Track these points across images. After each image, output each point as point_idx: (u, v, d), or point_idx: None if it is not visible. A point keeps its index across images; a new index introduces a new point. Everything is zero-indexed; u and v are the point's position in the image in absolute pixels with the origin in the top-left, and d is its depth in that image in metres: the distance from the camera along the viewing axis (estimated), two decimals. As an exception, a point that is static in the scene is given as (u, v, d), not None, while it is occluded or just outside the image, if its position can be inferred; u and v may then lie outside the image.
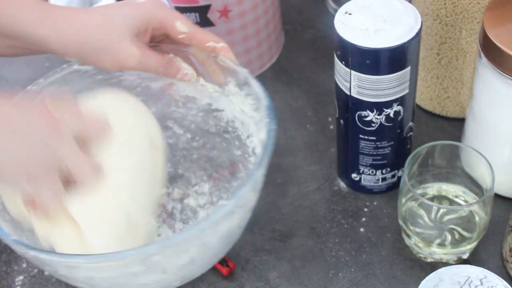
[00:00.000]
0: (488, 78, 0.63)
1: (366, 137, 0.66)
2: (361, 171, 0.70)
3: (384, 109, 0.64)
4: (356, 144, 0.67)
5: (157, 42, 0.66)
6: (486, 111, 0.65)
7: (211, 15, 0.78)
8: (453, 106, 0.77)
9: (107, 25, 0.60)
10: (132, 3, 0.62)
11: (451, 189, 0.67)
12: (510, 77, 0.60)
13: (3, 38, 0.61)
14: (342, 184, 0.73)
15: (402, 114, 0.65)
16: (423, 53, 0.74)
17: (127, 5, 0.61)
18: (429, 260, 0.65)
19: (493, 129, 0.66)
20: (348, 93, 0.64)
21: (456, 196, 0.67)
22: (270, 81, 0.86)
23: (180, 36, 0.63)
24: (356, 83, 0.62)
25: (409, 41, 0.60)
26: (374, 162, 0.68)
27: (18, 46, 0.62)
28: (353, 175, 0.71)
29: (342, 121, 0.67)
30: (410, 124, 0.68)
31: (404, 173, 0.62)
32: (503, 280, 0.54)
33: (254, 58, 0.84)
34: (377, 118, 0.64)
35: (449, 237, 0.63)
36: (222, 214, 0.53)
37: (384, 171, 0.69)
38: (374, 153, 0.68)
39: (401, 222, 0.64)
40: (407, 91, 0.64)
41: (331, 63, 0.65)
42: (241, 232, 0.61)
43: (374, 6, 0.62)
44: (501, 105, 0.63)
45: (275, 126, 0.59)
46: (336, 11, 0.63)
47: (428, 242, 0.63)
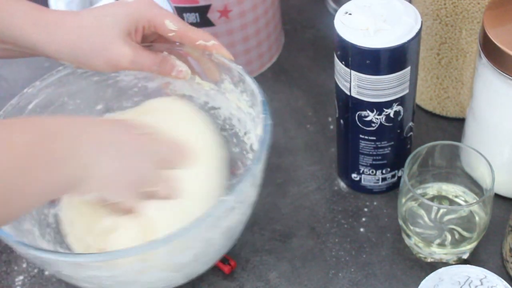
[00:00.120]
0: (488, 78, 0.63)
1: (366, 137, 0.66)
2: (361, 171, 0.70)
3: (384, 109, 0.64)
4: (356, 144, 0.67)
5: (151, 42, 0.66)
6: (486, 111, 0.65)
7: (211, 15, 0.78)
8: (453, 106, 0.77)
9: (98, 27, 0.60)
10: (121, 3, 0.62)
11: (451, 189, 0.67)
12: (510, 77, 0.60)
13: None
14: (342, 184, 0.73)
15: (402, 114, 0.65)
16: (423, 53, 0.74)
17: (116, 6, 0.62)
18: (429, 260, 0.65)
19: (493, 129, 0.66)
20: (348, 93, 0.64)
21: (456, 196, 0.67)
22: (270, 81, 0.86)
23: (170, 34, 0.63)
24: (356, 83, 0.62)
25: (409, 41, 0.60)
26: (374, 162, 0.68)
27: (14, 50, 0.63)
28: (353, 175, 0.71)
29: (342, 121, 0.67)
30: (410, 124, 0.68)
31: (404, 173, 0.62)
32: (503, 280, 0.54)
33: (254, 58, 0.84)
34: (377, 118, 0.64)
35: (449, 237, 0.63)
36: (223, 210, 0.54)
37: (384, 171, 0.69)
38: (374, 153, 0.68)
39: (401, 222, 0.64)
40: (407, 91, 0.64)
41: (331, 63, 0.65)
42: (242, 228, 0.61)
43: (374, 6, 0.62)
44: (501, 105, 0.63)
45: (271, 121, 0.59)
46: (336, 11, 0.63)
47: (428, 242, 0.63)
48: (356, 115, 0.65)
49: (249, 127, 0.66)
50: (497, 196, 0.67)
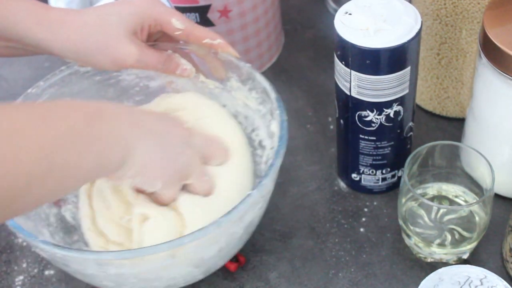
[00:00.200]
0: (488, 78, 0.63)
1: (366, 137, 0.66)
2: (361, 171, 0.70)
3: (384, 109, 0.64)
4: (356, 144, 0.67)
5: (155, 40, 0.66)
6: (486, 111, 0.65)
7: (211, 15, 0.78)
8: (453, 106, 0.77)
9: (103, 25, 0.60)
10: (127, 2, 0.62)
11: (451, 189, 0.67)
12: (510, 77, 0.60)
13: (3, 40, 0.61)
14: (342, 184, 0.73)
15: (402, 114, 0.65)
16: (423, 53, 0.74)
17: (122, 4, 0.62)
18: (429, 260, 0.65)
19: (493, 129, 0.66)
20: (348, 93, 0.64)
21: (456, 196, 0.67)
22: (270, 81, 0.85)
23: (176, 33, 0.63)
24: (356, 83, 0.62)
25: (409, 41, 0.60)
26: (374, 162, 0.68)
27: (17, 48, 0.63)
28: (353, 175, 0.71)
29: (342, 121, 0.67)
30: (410, 124, 0.68)
31: (404, 173, 0.62)
32: (503, 280, 0.54)
33: (254, 58, 0.84)
34: (377, 118, 0.64)
35: (449, 237, 0.63)
36: (249, 204, 0.55)
37: (384, 171, 0.69)
38: (374, 153, 0.68)
39: (401, 222, 0.64)
40: (407, 91, 0.64)
41: (331, 63, 0.65)
42: (258, 222, 0.62)
43: (374, 6, 0.62)
44: (501, 105, 0.63)
45: (286, 117, 0.61)
46: (336, 11, 0.63)
47: (428, 242, 0.63)
48: (356, 115, 0.65)
49: (258, 124, 0.67)
50: (497, 196, 0.67)
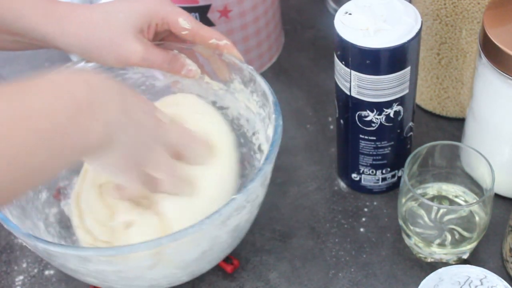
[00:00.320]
0: (488, 78, 0.63)
1: (366, 137, 0.66)
2: (361, 171, 0.70)
3: (384, 109, 0.64)
4: (356, 144, 0.67)
5: (162, 39, 0.66)
6: (486, 111, 0.65)
7: (211, 15, 0.78)
8: (453, 106, 0.77)
9: (111, 22, 0.60)
10: (135, 0, 0.62)
11: (451, 189, 0.67)
12: (510, 77, 0.60)
13: (8, 34, 0.61)
14: (342, 184, 0.73)
15: (402, 114, 0.65)
16: (423, 53, 0.74)
17: (130, 2, 0.62)
18: (429, 260, 0.65)
19: (493, 129, 0.66)
20: (348, 93, 0.64)
21: (456, 196, 0.67)
22: (270, 81, 0.84)
23: (183, 33, 0.63)
24: (356, 83, 0.62)
25: (409, 41, 0.60)
26: (374, 162, 0.68)
27: (23, 42, 0.62)
28: (353, 175, 0.71)
29: (342, 121, 0.67)
30: (410, 124, 0.68)
31: (404, 173, 0.62)
32: (503, 280, 0.54)
33: (254, 58, 0.84)
34: (377, 118, 0.64)
35: (449, 237, 0.63)
36: (233, 208, 0.54)
37: (384, 171, 0.69)
38: (374, 153, 0.68)
39: (401, 222, 0.64)
40: (407, 91, 0.64)
41: (331, 63, 0.65)
42: (248, 228, 0.61)
43: (374, 6, 0.62)
44: (501, 105, 0.63)
45: (282, 122, 0.59)
46: (336, 11, 0.63)
47: (428, 242, 0.63)
48: (356, 115, 0.65)
49: (258, 128, 0.66)
50: (497, 196, 0.67)
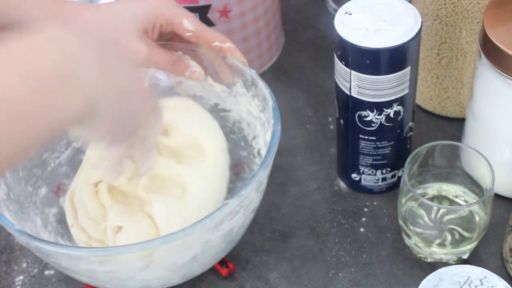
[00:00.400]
0: (488, 78, 0.63)
1: (366, 137, 0.66)
2: (361, 171, 0.70)
3: (384, 109, 0.64)
4: (356, 144, 0.67)
5: (166, 40, 0.66)
6: (486, 111, 0.65)
7: (211, 15, 0.78)
8: (453, 106, 0.77)
9: (115, 22, 0.60)
10: (140, 0, 0.62)
11: (451, 189, 0.67)
12: (510, 77, 0.60)
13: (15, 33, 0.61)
14: (342, 184, 0.73)
15: (402, 114, 0.65)
16: (423, 53, 0.74)
17: (136, 2, 0.62)
18: (429, 260, 0.65)
19: (493, 129, 0.66)
20: (348, 93, 0.64)
21: (456, 196, 0.67)
22: (270, 81, 0.85)
23: (187, 34, 0.63)
24: (356, 83, 0.62)
25: (409, 41, 0.60)
26: (374, 162, 0.68)
27: None
28: (353, 175, 0.71)
29: (342, 121, 0.67)
30: (410, 124, 0.68)
31: (404, 173, 0.62)
32: (503, 280, 0.54)
33: (254, 58, 0.84)
34: (377, 118, 0.64)
35: (449, 237, 0.63)
36: (226, 213, 0.54)
37: (384, 171, 0.69)
38: (374, 153, 0.68)
39: (401, 222, 0.64)
40: (407, 91, 0.64)
41: (331, 63, 0.65)
42: (243, 233, 0.61)
43: (374, 6, 0.62)
44: (501, 105, 0.63)
45: (280, 128, 0.59)
46: (336, 11, 0.63)
47: (428, 242, 0.63)
48: (356, 115, 0.65)
49: (258, 132, 0.66)
50: (497, 196, 0.67)
